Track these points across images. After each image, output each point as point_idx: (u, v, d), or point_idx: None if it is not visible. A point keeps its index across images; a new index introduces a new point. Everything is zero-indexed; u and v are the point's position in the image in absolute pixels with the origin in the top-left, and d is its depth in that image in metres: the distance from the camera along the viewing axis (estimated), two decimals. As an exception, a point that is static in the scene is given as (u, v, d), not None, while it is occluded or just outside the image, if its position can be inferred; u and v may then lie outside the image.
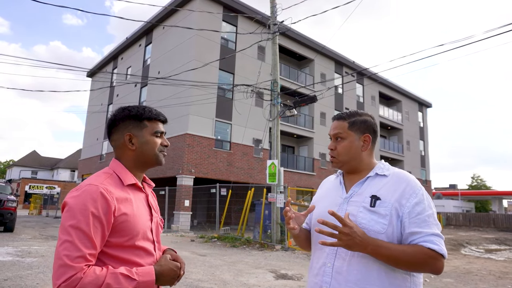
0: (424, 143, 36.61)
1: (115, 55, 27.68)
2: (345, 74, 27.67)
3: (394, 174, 1.43)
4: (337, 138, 1.51)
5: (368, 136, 1.50)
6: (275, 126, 12.36)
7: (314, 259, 1.47)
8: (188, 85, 17.25)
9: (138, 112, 1.38)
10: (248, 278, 6.49)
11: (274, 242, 11.34)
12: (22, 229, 13.98)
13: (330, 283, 1.35)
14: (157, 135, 1.40)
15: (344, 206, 1.43)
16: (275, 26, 12.66)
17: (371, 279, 1.30)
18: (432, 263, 1.28)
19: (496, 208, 47.72)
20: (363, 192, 1.42)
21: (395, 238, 1.33)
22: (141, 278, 1.18)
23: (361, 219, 1.36)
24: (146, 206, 1.38)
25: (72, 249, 1.12)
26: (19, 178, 44.56)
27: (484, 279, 7.47)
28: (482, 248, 15.12)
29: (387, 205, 1.35)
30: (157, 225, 1.42)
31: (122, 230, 1.23)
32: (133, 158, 1.37)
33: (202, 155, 18.30)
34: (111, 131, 1.40)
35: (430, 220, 1.33)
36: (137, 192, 1.36)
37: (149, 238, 1.33)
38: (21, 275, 5.81)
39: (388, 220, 1.33)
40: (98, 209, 1.18)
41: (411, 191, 1.36)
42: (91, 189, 1.21)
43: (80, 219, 1.15)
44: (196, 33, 18.15)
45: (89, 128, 30.60)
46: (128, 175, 1.35)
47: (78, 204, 1.18)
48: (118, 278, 1.14)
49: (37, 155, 55.67)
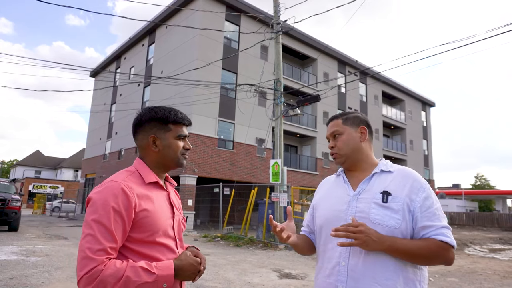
0: (428, 143, 36.47)
1: (118, 55, 27.73)
2: (348, 73, 27.61)
3: (399, 170, 1.46)
4: (335, 136, 1.55)
5: (363, 127, 1.55)
6: (278, 126, 12.35)
7: (325, 260, 1.46)
8: (191, 85, 17.27)
9: (164, 115, 1.41)
10: (252, 277, 6.49)
11: (277, 242, 11.33)
12: (26, 228, 14.04)
13: (346, 282, 1.35)
14: (180, 138, 1.43)
15: (353, 204, 1.43)
16: (278, 25, 12.64)
17: (387, 274, 1.32)
18: (445, 254, 1.34)
19: (500, 208, 47.44)
20: (371, 188, 1.43)
21: (408, 232, 1.36)
22: (160, 272, 1.21)
23: (374, 215, 1.37)
24: (168, 204, 1.41)
25: (94, 242, 1.16)
26: (23, 178, 44.78)
27: (488, 278, 7.43)
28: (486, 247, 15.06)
29: (399, 200, 1.37)
30: (179, 223, 1.44)
31: (143, 225, 1.26)
32: (155, 159, 1.41)
33: (205, 154, 18.31)
34: (137, 131, 1.43)
35: (439, 213, 1.38)
36: (158, 190, 1.39)
37: (170, 235, 1.36)
38: (26, 274, 5.84)
39: (401, 215, 1.35)
40: (119, 204, 1.22)
41: (419, 186, 1.39)
42: (112, 185, 1.25)
43: (101, 214, 1.20)
44: (199, 32, 18.16)
45: (93, 127, 30.68)
46: (149, 173, 1.38)
47: (100, 200, 1.22)
48: (138, 271, 1.17)
49: (40, 155, 55.93)
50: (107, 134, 27.52)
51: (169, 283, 1.22)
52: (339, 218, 1.44)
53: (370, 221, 1.36)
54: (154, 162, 1.41)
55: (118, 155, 24.92)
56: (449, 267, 8.84)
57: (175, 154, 1.41)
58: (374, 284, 1.30)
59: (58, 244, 9.93)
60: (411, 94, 34.60)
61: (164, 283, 1.21)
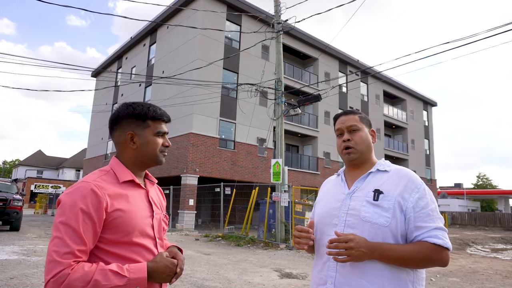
0: (429, 142, 36.36)
1: (120, 55, 27.77)
2: (349, 73, 27.56)
3: (395, 170, 1.47)
4: (352, 131, 1.53)
5: (373, 130, 1.59)
6: (279, 125, 12.34)
7: (319, 256, 1.50)
8: (192, 85, 17.27)
9: (142, 111, 1.37)
10: (252, 277, 6.49)
11: (278, 241, 11.33)
12: (27, 228, 14.07)
13: (335, 277, 1.38)
14: (159, 135, 1.39)
15: (347, 202, 1.45)
16: (279, 25, 12.63)
17: (375, 271, 1.33)
18: (438, 257, 1.32)
19: (502, 207, 47.32)
20: (365, 187, 1.45)
21: (399, 232, 1.35)
22: (132, 275, 1.16)
23: (364, 212, 1.38)
24: (146, 203, 1.36)
25: (61, 245, 1.13)
26: (25, 178, 44.88)
27: (490, 278, 7.41)
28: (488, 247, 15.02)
29: (390, 198, 1.37)
30: (160, 222, 1.39)
31: (116, 226, 1.23)
32: (133, 156, 1.37)
33: (206, 154, 18.32)
34: (114, 128, 1.39)
35: (434, 214, 1.37)
36: (135, 188, 1.35)
37: (149, 234, 1.31)
38: (27, 274, 5.85)
39: (391, 214, 1.35)
40: (88, 205, 1.18)
41: (413, 185, 1.39)
42: (82, 186, 1.22)
43: (69, 216, 1.16)
44: (200, 32, 18.16)
45: (94, 127, 30.75)
46: (125, 172, 1.34)
47: (68, 201, 1.19)
48: (107, 274, 1.13)
49: (42, 155, 56.06)
50: (108, 134, 27.50)
51: (142, 286, 1.17)
52: (332, 216, 1.47)
53: (360, 219, 1.38)
54: (131, 159, 1.37)
55: (119, 155, 24.94)
56: (450, 267, 8.81)
57: (153, 151, 1.37)
58: (361, 280, 1.32)
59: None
60: (413, 94, 34.50)
61: (136, 286, 1.16)
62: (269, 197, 12.29)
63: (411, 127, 33.74)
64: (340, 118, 1.59)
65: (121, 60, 27.81)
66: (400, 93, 33.24)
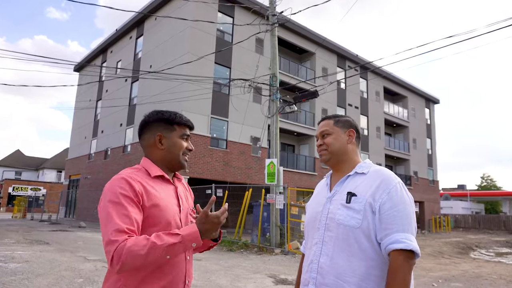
0: (432, 141, 36.58)
1: (104, 48, 27.57)
2: (348, 68, 27.67)
3: (373, 171, 1.58)
4: (323, 136, 1.72)
5: (352, 131, 1.71)
6: (274, 123, 12.35)
7: (306, 258, 1.65)
8: (181, 80, 17.21)
9: (170, 116, 1.62)
10: (245, 284, 6.49)
11: (273, 246, 11.35)
12: (5, 233, 13.93)
13: (316, 278, 1.52)
14: (184, 138, 1.63)
15: (327, 206, 1.60)
16: (274, 17, 12.63)
17: (351, 271, 1.44)
18: (407, 264, 1.38)
19: (507, 210, 47.86)
20: (343, 190, 1.58)
21: (371, 232, 1.46)
22: (184, 232, 1.35)
23: (338, 215, 1.52)
24: (174, 198, 1.58)
25: (112, 226, 1.33)
26: (2, 179, 44.42)
27: (494, 283, 7.49)
28: (492, 251, 15.18)
29: (361, 200, 1.49)
30: (186, 215, 1.61)
31: (154, 216, 1.44)
32: (161, 156, 1.60)
33: (197, 154, 18.27)
34: (143, 131, 1.64)
35: (399, 215, 1.44)
36: (164, 183, 1.58)
37: (178, 226, 1.51)
38: (4, 282, 5.78)
39: (362, 215, 1.46)
40: (126, 190, 1.40)
41: (385, 186, 1.49)
42: (117, 178, 1.45)
43: (114, 201, 1.38)
44: (190, 24, 18.09)
45: (77, 125, 30.48)
46: (155, 168, 1.57)
47: (109, 190, 1.42)
48: (161, 236, 1.32)
49: (21, 155, 55.46)
50: (92, 132, 27.35)
51: (197, 242, 1.35)
52: (316, 220, 1.62)
53: (335, 222, 1.51)
54: (160, 159, 1.60)
55: (104, 155, 24.77)
56: (453, 272, 8.89)
57: (178, 152, 1.60)
58: (337, 280, 1.44)
59: (39, 249, 9.85)
60: (414, 91, 34.69)
61: (192, 242, 1.34)
62: (263, 199, 12.30)
63: (412, 125, 33.92)
64: (319, 124, 1.79)
65: (105, 53, 27.61)
66: (401, 89, 33.43)
